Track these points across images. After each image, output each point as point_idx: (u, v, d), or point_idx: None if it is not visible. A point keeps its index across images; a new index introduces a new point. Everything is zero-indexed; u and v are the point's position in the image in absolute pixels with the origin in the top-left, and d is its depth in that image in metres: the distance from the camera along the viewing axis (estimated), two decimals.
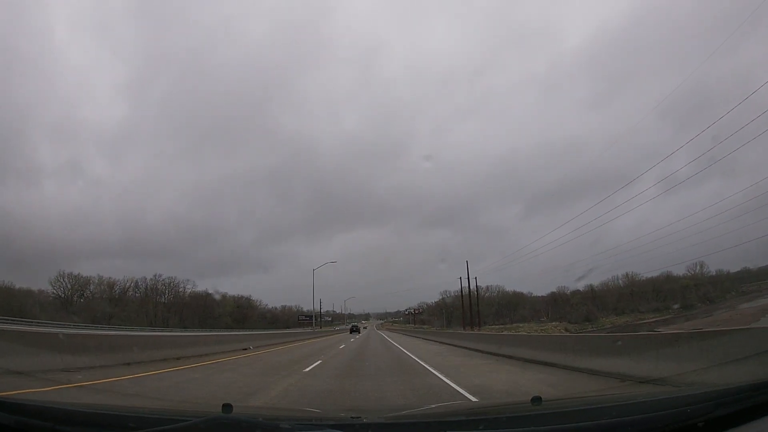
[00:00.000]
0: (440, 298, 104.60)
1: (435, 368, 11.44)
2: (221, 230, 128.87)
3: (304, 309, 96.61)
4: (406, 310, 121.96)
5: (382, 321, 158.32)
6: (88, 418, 2.13)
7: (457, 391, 7.65)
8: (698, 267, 70.88)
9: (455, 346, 22.22)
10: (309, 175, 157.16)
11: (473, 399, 6.90)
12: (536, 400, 2.26)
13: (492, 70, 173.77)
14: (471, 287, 60.70)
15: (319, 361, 13.93)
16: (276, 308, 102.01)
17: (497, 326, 72.14)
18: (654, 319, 56.32)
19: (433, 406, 5.05)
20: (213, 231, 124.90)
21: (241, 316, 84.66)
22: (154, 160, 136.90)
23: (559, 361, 10.25)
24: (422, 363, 13.31)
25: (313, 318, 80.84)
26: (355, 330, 69.26)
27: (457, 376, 9.53)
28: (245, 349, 19.53)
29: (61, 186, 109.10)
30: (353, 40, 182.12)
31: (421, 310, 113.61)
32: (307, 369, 11.72)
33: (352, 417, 2.53)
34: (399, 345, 25.62)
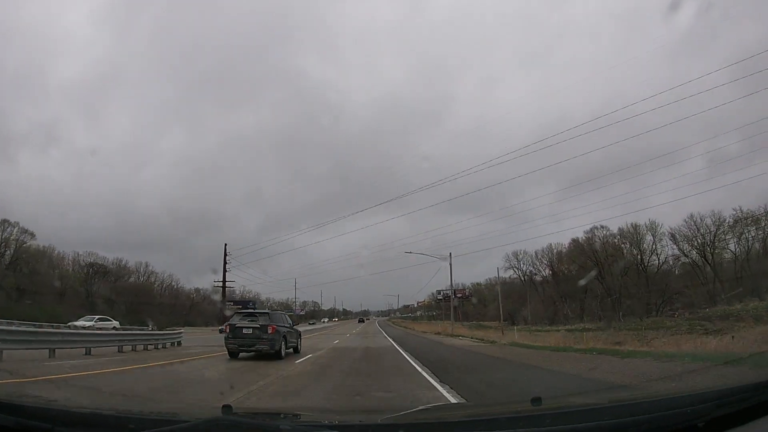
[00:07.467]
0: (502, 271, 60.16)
1: None
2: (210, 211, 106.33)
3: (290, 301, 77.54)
4: (438, 293, 74.29)
5: (386, 317, 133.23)
6: (87, 419, 2.14)
7: None
8: None
9: None
10: (328, 142, 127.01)
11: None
12: (536, 400, 2.25)
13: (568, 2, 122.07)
14: None
15: None
16: (206, 290, 66.13)
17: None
18: None
19: (431, 406, 5.05)
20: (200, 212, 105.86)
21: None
22: (137, 117, 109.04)
23: None
24: None
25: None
26: (361, 321, 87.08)
27: None
28: None
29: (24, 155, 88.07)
30: None
31: (463, 294, 67.22)
32: None
33: (351, 418, 2.54)
34: None
